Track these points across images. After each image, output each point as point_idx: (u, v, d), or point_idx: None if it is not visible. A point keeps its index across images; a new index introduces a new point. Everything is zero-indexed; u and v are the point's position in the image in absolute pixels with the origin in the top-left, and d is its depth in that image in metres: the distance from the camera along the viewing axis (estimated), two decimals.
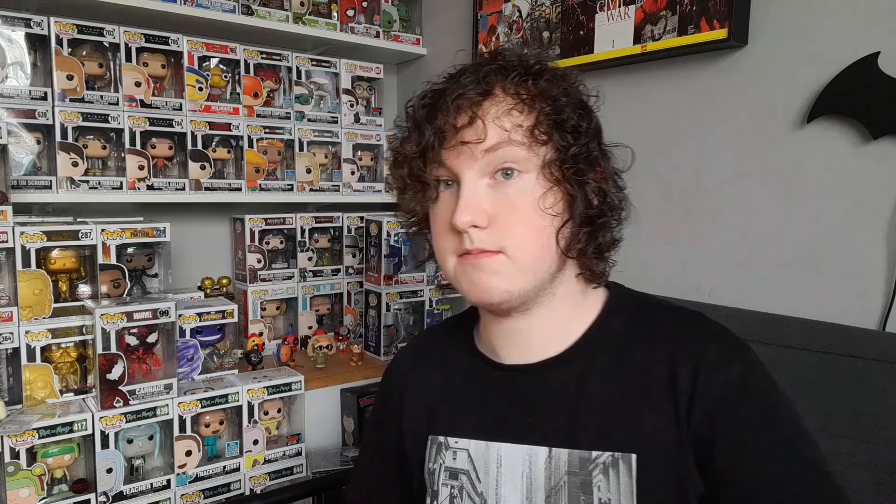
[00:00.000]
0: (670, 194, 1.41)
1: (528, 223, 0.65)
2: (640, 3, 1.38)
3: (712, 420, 0.63)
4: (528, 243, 0.65)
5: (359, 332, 1.91)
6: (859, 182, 1.13)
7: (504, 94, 0.66)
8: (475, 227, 0.65)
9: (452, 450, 0.74)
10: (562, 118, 0.65)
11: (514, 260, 0.65)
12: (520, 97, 0.65)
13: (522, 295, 0.67)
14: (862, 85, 1.10)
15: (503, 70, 0.66)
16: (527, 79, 0.66)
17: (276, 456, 1.53)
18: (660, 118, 1.42)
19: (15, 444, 1.21)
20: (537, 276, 0.67)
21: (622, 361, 0.69)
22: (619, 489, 0.64)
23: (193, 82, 1.63)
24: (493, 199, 0.65)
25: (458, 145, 0.65)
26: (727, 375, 0.64)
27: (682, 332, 0.68)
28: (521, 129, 0.64)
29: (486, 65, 0.67)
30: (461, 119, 0.65)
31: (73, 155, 1.48)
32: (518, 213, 0.65)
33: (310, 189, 1.85)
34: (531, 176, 0.65)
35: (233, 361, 1.57)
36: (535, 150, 0.65)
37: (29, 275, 1.31)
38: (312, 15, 1.86)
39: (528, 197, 0.65)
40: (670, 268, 1.42)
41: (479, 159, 0.65)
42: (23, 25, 1.41)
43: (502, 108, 0.65)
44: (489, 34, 1.78)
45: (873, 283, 1.11)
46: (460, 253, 0.67)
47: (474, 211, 0.64)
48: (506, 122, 0.64)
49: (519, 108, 0.65)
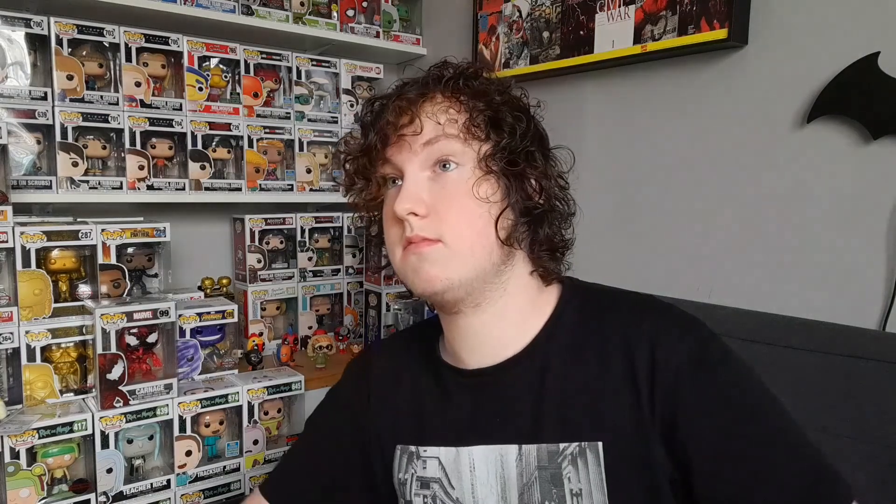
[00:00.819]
0: (670, 194, 1.41)
1: (463, 209, 0.68)
2: (640, 3, 1.38)
3: (673, 397, 0.63)
4: (465, 229, 0.67)
5: (359, 332, 1.91)
6: (859, 182, 1.13)
7: (442, 96, 0.70)
8: (414, 214, 0.67)
9: (423, 459, 0.76)
10: (497, 116, 0.69)
11: (451, 248, 0.67)
12: (455, 97, 0.69)
13: (465, 283, 0.68)
14: (862, 85, 1.10)
15: (442, 77, 0.71)
16: (463, 81, 0.70)
17: (277, 456, 1.53)
18: (660, 118, 1.42)
19: (15, 444, 1.21)
20: (477, 263, 0.68)
21: (580, 353, 0.70)
22: (589, 478, 0.66)
23: (193, 82, 1.63)
24: (432, 190, 0.68)
25: (398, 141, 0.69)
26: (682, 351, 0.64)
27: (635, 316, 0.70)
28: (457, 123, 0.68)
29: (428, 74, 0.72)
30: (402, 119, 0.69)
31: (73, 155, 1.48)
32: (454, 201, 0.68)
33: (310, 189, 1.85)
34: (468, 167, 0.69)
35: (233, 361, 1.57)
36: (470, 144, 0.68)
37: (29, 275, 1.31)
38: (312, 15, 1.86)
39: (464, 186, 0.68)
40: (670, 268, 1.42)
41: (418, 153, 0.69)
42: (23, 25, 1.41)
43: (439, 107, 0.69)
44: (489, 34, 1.78)
45: (873, 283, 1.11)
46: (404, 244, 0.69)
47: (413, 199, 0.67)
48: (441, 118, 0.68)
49: (455, 108, 0.69)
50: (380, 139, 0.70)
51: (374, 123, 0.72)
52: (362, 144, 0.73)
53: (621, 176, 1.50)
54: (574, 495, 0.67)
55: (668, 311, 0.70)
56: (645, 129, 1.45)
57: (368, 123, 0.73)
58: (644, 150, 1.46)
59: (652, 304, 0.72)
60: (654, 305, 0.71)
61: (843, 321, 1.04)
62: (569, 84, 1.59)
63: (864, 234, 1.12)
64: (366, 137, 0.73)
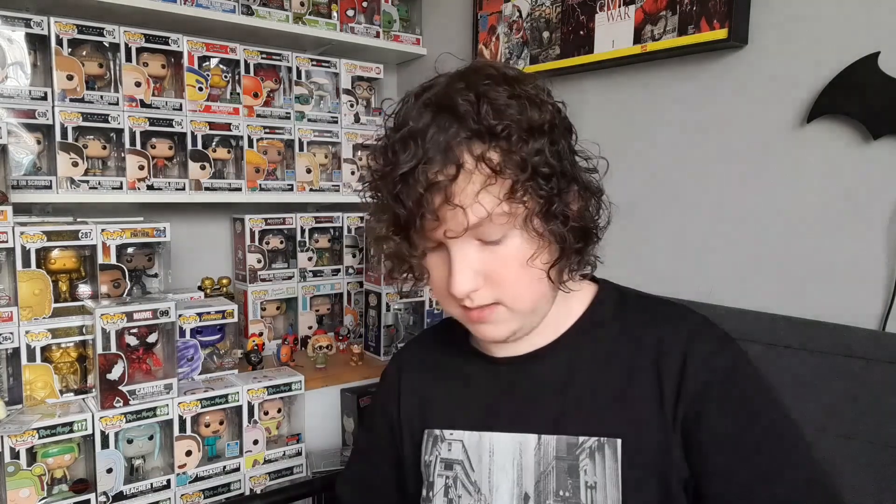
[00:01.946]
0: (670, 194, 1.41)
1: (521, 279, 0.66)
2: (640, 3, 1.38)
3: (699, 408, 0.65)
4: (524, 293, 0.67)
5: (359, 332, 1.91)
6: (859, 182, 1.13)
7: (473, 160, 0.61)
8: (473, 290, 0.66)
9: (448, 441, 0.77)
10: (538, 172, 0.62)
11: (512, 308, 0.67)
12: (490, 166, 0.60)
13: (527, 328, 0.70)
14: (862, 85, 1.10)
15: (467, 134, 0.61)
16: (494, 141, 0.61)
17: (276, 456, 1.53)
18: (660, 118, 1.42)
19: (15, 444, 1.21)
20: (539, 314, 0.70)
21: (609, 351, 0.71)
22: (605, 473, 0.67)
23: (193, 82, 1.63)
24: (483, 260, 0.65)
25: (441, 225, 0.63)
26: (713, 365, 0.66)
27: (669, 324, 0.71)
28: (499, 202, 0.61)
29: (446, 122, 0.61)
30: (437, 200, 0.61)
31: (73, 155, 1.48)
32: (510, 271, 0.65)
33: (310, 189, 1.85)
34: (516, 233, 0.64)
35: (233, 361, 1.57)
36: (514, 210, 0.62)
37: (29, 275, 1.31)
38: (312, 15, 1.86)
39: (518, 257, 0.65)
40: (670, 268, 1.42)
41: (461, 234, 0.63)
42: (23, 25, 1.41)
43: (476, 185, 0.61)
44: (489, 34, 1.78)
45: (873, 283, 1.11)
46: (461, 307, 0.69)
47: (469, 279, 0.65)
48: (484, 202, 0.61)
49: (492, 180, 0.61)
50: (416, 222, 0.63)
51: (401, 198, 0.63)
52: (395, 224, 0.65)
53: (621, 176, 1.50)
54: (589, 487, 0.67)
55: (703, 325, 0.71)
56: (645, 129, 1.45)
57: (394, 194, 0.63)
58: (644, 150, 1.46)
59: (686, 316, 0.72)
60: (688, 317, 0.72)
61: (843, 321, 1.04)
62: (569, 84, 1.59)
63: (864, 233, 1.12)
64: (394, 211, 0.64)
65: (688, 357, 0.67)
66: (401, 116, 0.66)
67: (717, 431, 0.64)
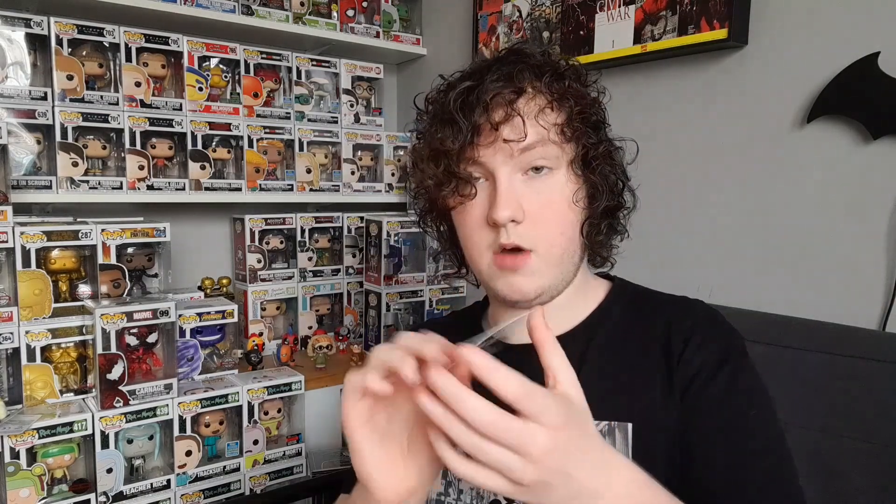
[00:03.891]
0: (670, 194, 1.41)
1: (560, 218, 0.68)
2: (640, 3, 1.38)
3: (688, 390, 0.67)
4: (559, 237, 0.69)
5: (359, 332, 1.91)
6: (859, 182, 1.13)
7: (535, 91, 0.67)
8: (514, 221, 0.66)
9: None
10: (589, 115, 0.69)
11: (544, 258, 0.68)
12: (552, 95, 0.67)
13: (553, 289, 0.70)
14: (862, 85, 1.09)
15: (532, 69, 0.68)
16: (556, 77, 0.68)
17: (276, 456, 1.53)
18: (659, 118, 1.42)
19: (15, 444, 1.21)
20: (566, 269, 0.71)
21: (621, 340, 0.73)
22: None
23: (193, 82, 1.63)
24: (526, 195, 0.67)
25: (496, 142, 0.66)
26: (713, 349, 0.68)
27: (679, 313, 0.73)
28: (556, 126, 0.67)
29: (511, 62, 0.68)
30: (498, 115, 0.65)
31: (73, 155, 1.48)
32: (552, 209, 0.68)
33: (310, 189, 1.85)
34: (561, 172, 0.68)
35: (233, 361, 1.57)
36: (564, 147, 0.68)
37: (29, 275, 1.31)
38: (312, 15, 1.86)
39: (562, 193, 0.68)
40: (670, 267, 1.42)
41: (515, 156, 0.66)
42: (23, 25, 1.41)
43: (537, 106, 0.66)
44: (489, 34, 1.78)
45: (873, 283, 1.11)
46: (495, 250, 0.69)
47: (514, 206, 0.66)
48: (542, 121, 0.66)
49: (551, 106, 0.67)
50: (475, 136, 0.66)
51: (465, 115, 0.66)
52: (453, 140, 0.67)
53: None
54: None
55: (712, 316, 0.73)
56: (644, 128, 1.45)
57: (457, 114, 0.66)
58: (643, 150, 1.45)
59: (696, 307, 0.75)
60: (698, 307, 0.74)
61: (843, 321, 1.04)
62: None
63: (865, 233, 1.12)
64: (454, 131, 0.66)
65: (689, 341, 0.69)
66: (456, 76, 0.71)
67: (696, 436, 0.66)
